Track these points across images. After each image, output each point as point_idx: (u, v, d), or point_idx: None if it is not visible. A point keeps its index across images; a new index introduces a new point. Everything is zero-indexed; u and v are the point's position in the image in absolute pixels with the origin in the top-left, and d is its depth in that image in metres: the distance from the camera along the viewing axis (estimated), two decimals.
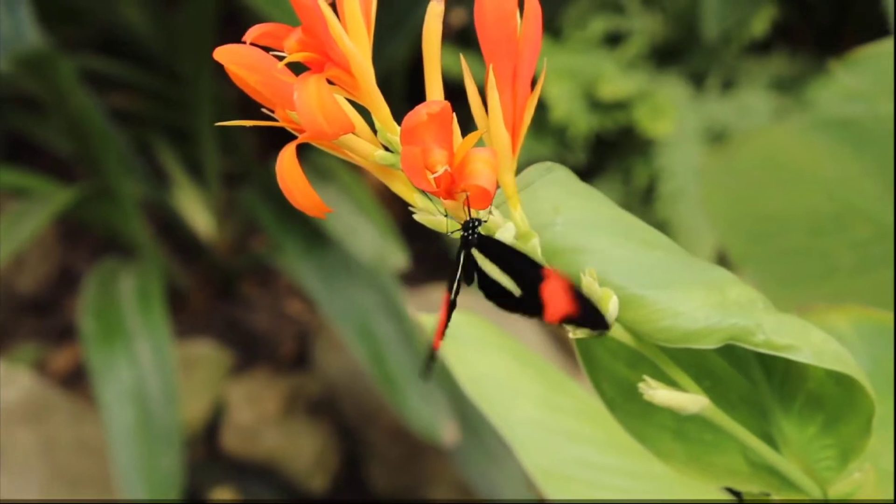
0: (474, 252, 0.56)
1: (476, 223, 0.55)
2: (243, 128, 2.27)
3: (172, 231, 2.31)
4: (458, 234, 0.56)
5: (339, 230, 1.84)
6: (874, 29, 1.72)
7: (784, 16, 2.24)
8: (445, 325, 0.57)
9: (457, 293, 0.57)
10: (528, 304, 0.55)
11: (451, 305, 0.57)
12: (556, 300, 0.54)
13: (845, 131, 1.19)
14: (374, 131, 0.56)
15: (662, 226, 2.02)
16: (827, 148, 1.19)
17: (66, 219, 2.25)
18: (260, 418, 2.09)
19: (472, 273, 0.56)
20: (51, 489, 1.95)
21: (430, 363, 0.58)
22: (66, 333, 2.25)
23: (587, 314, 0.54)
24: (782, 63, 2.23)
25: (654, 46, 2.24)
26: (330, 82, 0.53)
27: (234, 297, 2.31)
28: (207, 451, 2.10)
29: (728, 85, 2.23)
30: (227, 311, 2.29)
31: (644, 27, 2.22)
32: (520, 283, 0.55)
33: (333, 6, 0.54)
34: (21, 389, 2.03)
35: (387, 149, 0.55)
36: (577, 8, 2.23)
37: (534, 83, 0.56)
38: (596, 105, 2.14)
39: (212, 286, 2.31)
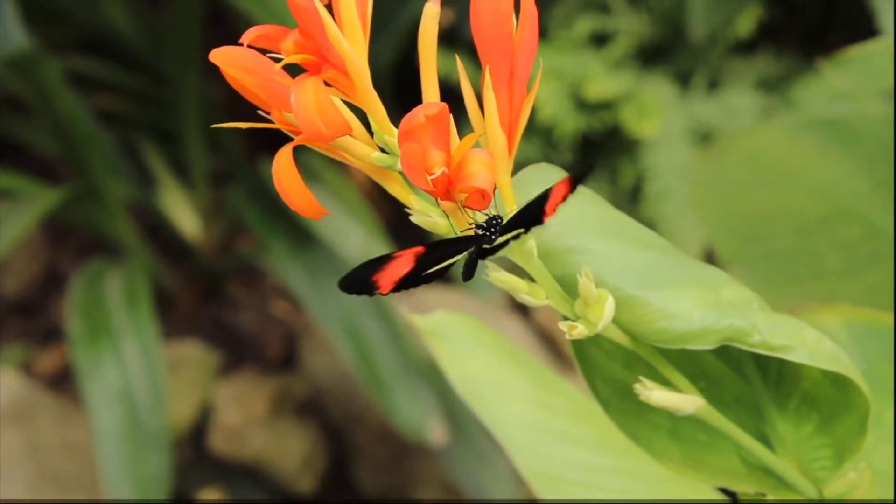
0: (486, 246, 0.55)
1: (498, 220, 0.55)
2: (230, 128, 2.26)
3: (159, 232, 2.30)
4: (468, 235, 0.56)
5: (326, 231, 1.84)
6: (860, 29, 1.72)
7: (770, 16, 2.25)
8: (399, 286, 0.56)
9: (442, 273, 0.57)
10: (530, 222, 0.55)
11: (418, 278, 0.56)
12: (557, 197, 0.54)
13: (832, 131, 1.19)
14: (371, 133, 0.56)
15: (649, 226, 2.01)
16: (814, 148, 1.20)
17: (52, 220, 2.25)
18: (247, 419, 2.09)
19: (473, 271, 0.56)
20: (37, 491, 1.94)
21: (347, 287, 0.57)
22: (52, 334, 2.25)
23: (575, 177, 0.54)
24: (768, 63, 2.23)
25: (640, 46, 2.25)
26: (327, 84, 0.53)
27: (220, 298, 2.31)
28: (194, 453, 2.10)
29: (714, 85, 2.23)
30: (214, 311, 2.29)
31: (630, 27, 2.23)
32: (527, 220, 0.55)
33: (330, 8, 0.54)
34: (7, 391, 2.02)
35: (383, 150, 0.55)
36: (563, 8, 2.23)
37: (529, 84, 0.56)
38: (582, 105, 2.14)
39: (198, 287, 2.31)
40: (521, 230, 0.55)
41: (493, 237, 0.55)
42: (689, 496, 0.85)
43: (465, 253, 0.56)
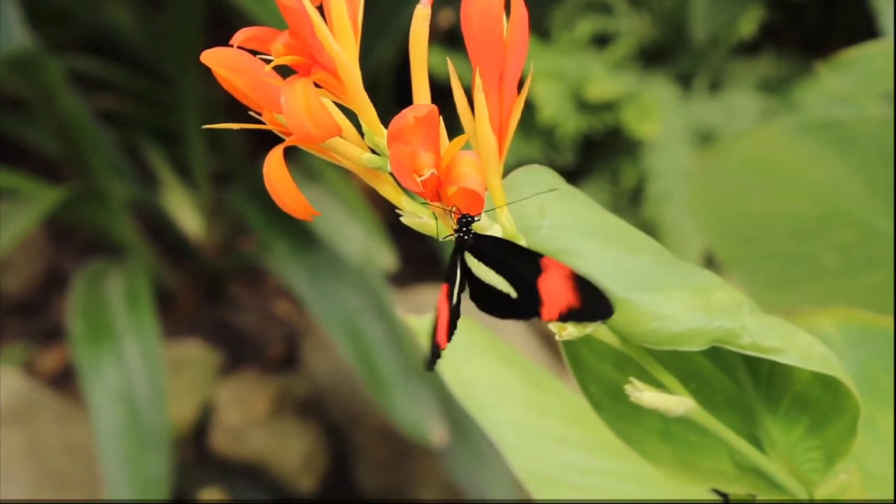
0: (467, 256, 0.55)
1: (470, 220, 0.55)
2: (231, 129, 2.26)
3: (161, 232, 2.31)
4: (450, 239, 0.56)
5: (327, 231, 1.84)
6: (860, 31, 1.72)
7: (771, 17, 2.25)
8: (449, 331, 0.56)
9: (458, 298, 0.56)
10: (524, 303, 0.55)
11: (455, 311, 0.56)
12: (555, 293, 0.53)
13: (831, 133, 1.19)
14: (362, 134, 0.56)
15: (650, 227, 2.03)
16: (812, 150, 1.20)
17: (54, 220, 2.25)
18: (248, 419, 2.09)
19: (455, 275, 0.56)
20: (38, 491, 1.94)
21: (431, 364, 0.57)
22: (54, 334, 2.25)
23: (591, 302, 0.53)
24: (769, 65, 2.23)
25: (641, 47, 2.25)
26: (317, 85, 0.53)
27: (222, 298, 2.31)
28: (196, 453, 2.10)
29: (715, 86, 2.23)
30: (216, 311, 2.29)
31: (632, 28, 2.23)
32: (515, 281, 0.55)
33: (320, 9, 0.54)
34: (8, 390, 2.02)
35: (374, 152, 0.56)
36: (565, 9, 2.23)
37: (520, 86, 0.56)
38: (584, 106, 2.14)
39: (200, 287, 2.31)
40: (513, 306, 0.55)
41: (466, 237, 0.55)
42: (683, 498, 0.85)
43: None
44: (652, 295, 0.58)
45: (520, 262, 0.55)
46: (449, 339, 0.56)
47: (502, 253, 0.55)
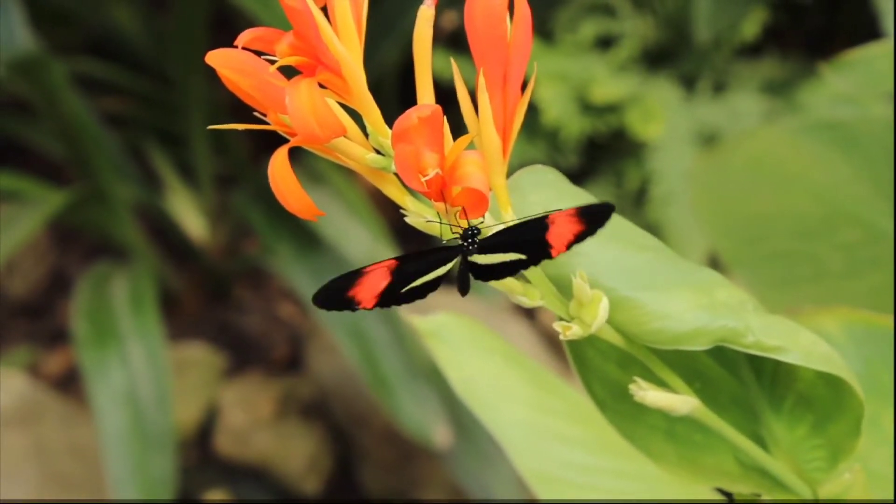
0: (473, 258, 0.56)
1: (475, 231, 0.55)
2: (235, 130, 2.25)
3: (165, 234, 2.31)
4: (453, 243, 0.56)
5: (332, 233, 1.84)
6: (863, 32, 1.72)
7: (775, 19, 2.25)
8: (383, 300, 0.57)
9: (432, 289, 0.57)
10: (534, 257, 0.55)
11: (423, 293, 0.57)
12: (562, 232, 0.54)
13: (834, 134, 1.19)
14: (366, 135, 0.56)
15: (654, 228, 2.03)
16: (816, 151, 1.20)
17: (58, 222, 2.25)
18: (253, 421, 2.09)
19: (468, 284, 0.56)
20: (43, 492, 1.95)
21: (325, 303, 0.57)
22: (59, 337, 2.25)
23: (593, 216, 0.54)
24: (773, 66, 2.23)
25: (645, 49, 2.25)
26: (321, 86, 0.53)
27: (226, 300, 2.31)
28: (200, 455, 2.10)
29: (719, 88, 2.23)
30: (220, 314, 2.29)
31: (635, 30, 2.23)
32: (525, 248, 0.55)
33: (325, 10, 0.54)
34: (14, 393, 2.02)
35: (378, 152, 0.56)
36: (569, 11, 2.23)
37: (524, 86, 0.56)
38: (588, 108, 2.14)
39: (204, 289, 2.31)
40: (522, 259, 0.55)
41: (471, 248, 0.55)
42: (687, 497, 0.85)
43: (454, 262, 0.56)
44: (655, 293, 0.59)
45: (528, 232, 0.55)
46: (378, 306, 0.56)
47: (509, 238, 0.55)
